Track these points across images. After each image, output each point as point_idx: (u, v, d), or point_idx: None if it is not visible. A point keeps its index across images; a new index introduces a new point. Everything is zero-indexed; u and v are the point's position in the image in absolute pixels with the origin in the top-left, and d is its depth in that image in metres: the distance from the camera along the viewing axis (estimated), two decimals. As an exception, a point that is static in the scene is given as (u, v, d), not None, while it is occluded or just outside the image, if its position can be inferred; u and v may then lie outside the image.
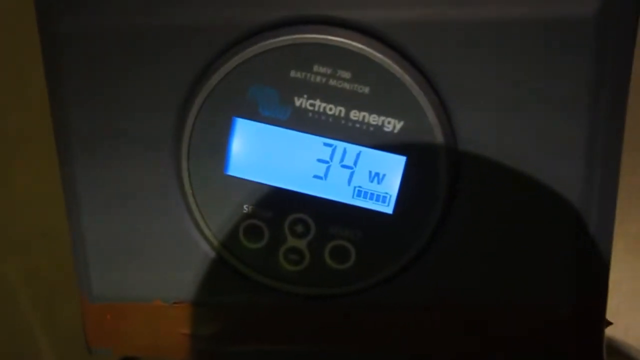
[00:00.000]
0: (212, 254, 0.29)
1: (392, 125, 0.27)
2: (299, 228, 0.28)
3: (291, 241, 0.29)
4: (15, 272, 0.44)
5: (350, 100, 0.27)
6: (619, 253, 0.44)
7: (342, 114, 0.27)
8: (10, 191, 0.44)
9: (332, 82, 0.26)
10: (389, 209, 0.28)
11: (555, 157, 0.27)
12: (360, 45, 0.26)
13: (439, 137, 0.26)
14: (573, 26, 0.25)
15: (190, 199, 0.28)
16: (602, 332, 0.29)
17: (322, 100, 0.27)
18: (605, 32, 0.25)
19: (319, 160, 0.27)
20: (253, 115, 0.27)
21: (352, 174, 0.28)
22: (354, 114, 0.27)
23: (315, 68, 0.26)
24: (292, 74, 0.27)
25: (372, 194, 0.28)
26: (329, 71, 0.26)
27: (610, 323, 0.34)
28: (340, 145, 0.27)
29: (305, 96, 0.27)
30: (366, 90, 0.26)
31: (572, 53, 0.25)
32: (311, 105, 0.27)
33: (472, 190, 0.27)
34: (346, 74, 0.26)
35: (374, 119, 0.27)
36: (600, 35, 0.25)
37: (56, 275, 0.44)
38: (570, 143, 0.26)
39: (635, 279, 0.45)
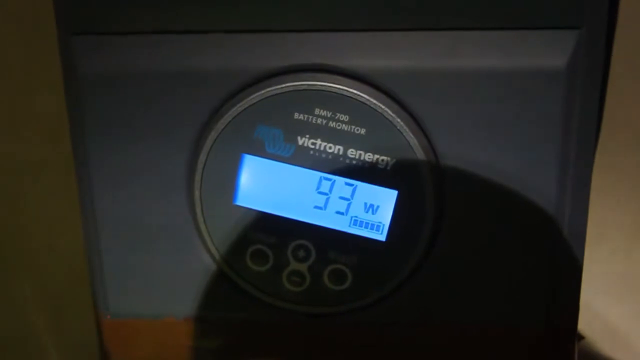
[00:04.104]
0: (220, 275, 0.31)
1: (385, 162, 0.29)
2: (301, 253, 0.30)
3: (293, 265, 0.31)
4: (25, 286, 0.45)
5: (348, 140, 0.29)
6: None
7: (341, 152, 0.29)
8: (21, 207, 0.45)
9: (332, 124, 0.29)
10: (382, 237, 0.30)
11: (531, 191, 0.29)
12: (356, 92, 0.28)
13: (426, 173, 0.29)
14: (545, 76, 0.28)
15: (202, 226, 0.30)
16: (574, 346, 0.32)
17: (323, 140, 0.29)
18: (574, 82, 0.28)
19: (319, 193, 0.30)
20: (260, 152, 0.29)
21: (349, 205, 0.30)
22: (351, 152, 0.29)
23: (317, 111, 0.29)
24: (296, 116, 0.29)
25: (367, 223, 0.30)
26: (328, 114, 0.29)
27: (582, 337, 0.37)
28: (339, 179, 0.29)
29: (307, 136, 0.29)
30: (362, 131, 0.29)
31: (544, 100, 0.28)
32: (313, 144, 0.29)
33: (456, 219, 0.30)
34: (344, 117, 0.29)
35: (369, 157, 0.29)
36: (570, 85, 0.28)
37: (65, 289, 0.45)
38: (543, 180, 0.29)
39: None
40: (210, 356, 0.33)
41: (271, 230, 0.30)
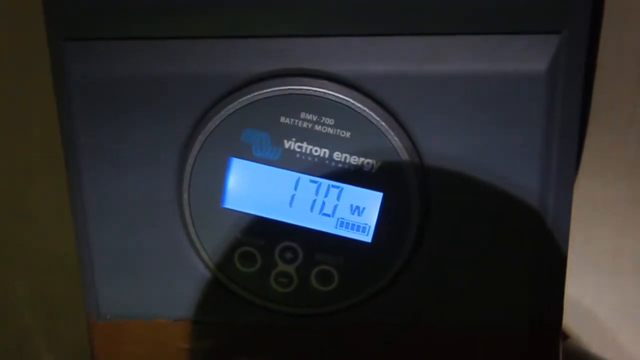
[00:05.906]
0: (209, 277, 0.32)
1: (371, 165, 0.30)
2: (288, 255, 0.31)
3: (281, 266, 0.31)
4: (21, 290, 0.45)
5: (334, 143, 0.29)
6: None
7: (327, 155, 0.29)
8: (16, 210, 0.45)
9: (317, 128, 0.29)
10: (368, 238, 0.30)
11: (515, 192, 0.30)
12: (341, 96, 0.29)
13: (411, 175, 0.29)
14: (526, 80, 0.28)
15: (191, 229, 0.31)
16: (558, 345, 0.33)
17: (309, 143, 0.29)
18: (555, 86, 0.28)
19: (306, 195, 0.30)
20: (247, 155, 0.30)
21: (335, 207, 0.30)
22: (337, 155, 0.29)
23: (303, 115, 0.29)
24: (282, 119, 0.29)
25: (353, 225, 0.30)
26: (314, 118, 0.29)
27: (567, 337, 0.37)
28: (325, 182, 0.30)
29: (293, 139, 0.29)
30: (347, 134, 0.29)
31: (526, 104, 0.28)
32: (299, 147, 0.30)
33: (441, 221, 0.30)
34: (330, 121, 0.29)
35: (354, 160, 0.30)
36: (551, 89, 0.28)
37: (60, 293, 0.45)
38: (527, 181, 0.29)
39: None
40: (200, 357, 0.33)
41: (259, 232, 0.31)
